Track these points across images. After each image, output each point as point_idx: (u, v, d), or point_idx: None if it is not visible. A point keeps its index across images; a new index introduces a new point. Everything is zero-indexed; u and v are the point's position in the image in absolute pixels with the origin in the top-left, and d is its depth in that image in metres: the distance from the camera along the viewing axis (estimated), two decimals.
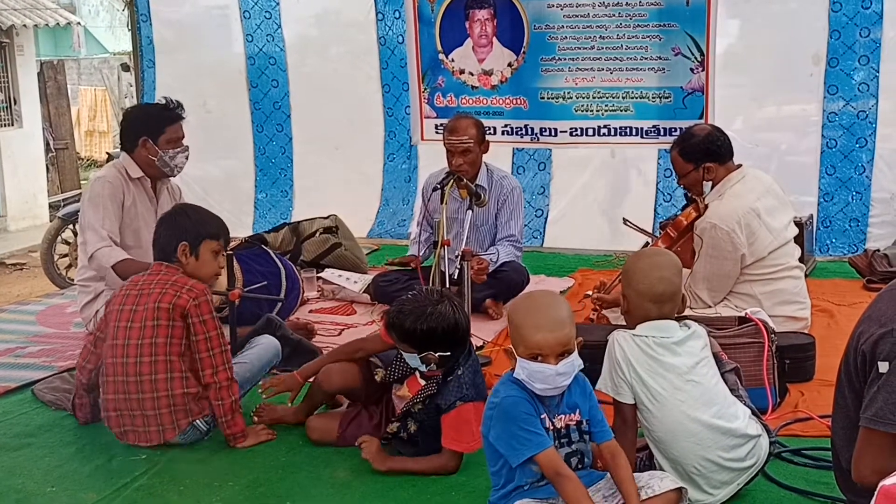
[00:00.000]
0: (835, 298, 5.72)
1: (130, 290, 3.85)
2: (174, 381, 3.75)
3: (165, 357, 3.74)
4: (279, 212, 8.31)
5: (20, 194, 13.57)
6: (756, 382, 4.02)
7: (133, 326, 3.75)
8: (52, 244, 8.51)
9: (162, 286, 3.78)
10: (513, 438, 2.94)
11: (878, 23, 6.69)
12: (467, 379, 3.52)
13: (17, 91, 13.67)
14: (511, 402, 2.97)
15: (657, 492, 2.96)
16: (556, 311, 3.00)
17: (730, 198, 4.76)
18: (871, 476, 2.62)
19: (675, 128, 7.22)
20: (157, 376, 3.73)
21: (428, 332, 3.47)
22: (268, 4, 8.08)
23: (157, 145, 5.00)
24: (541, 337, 2.93)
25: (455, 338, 3.52)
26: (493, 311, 5.58)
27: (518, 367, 2.97)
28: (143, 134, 5.01)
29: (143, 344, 3.73)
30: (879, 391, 2.68)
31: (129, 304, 3.80)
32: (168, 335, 3.73)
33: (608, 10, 7.23)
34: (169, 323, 3.73)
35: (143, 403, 3.76)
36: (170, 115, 5.06)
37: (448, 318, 3.48)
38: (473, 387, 3.52)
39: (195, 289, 3.78)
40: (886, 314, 2.73)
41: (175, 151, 5.05)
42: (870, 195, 6.95)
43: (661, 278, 3.28)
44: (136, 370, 3.74)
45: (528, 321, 2.97)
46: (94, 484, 3.57)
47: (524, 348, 2.96)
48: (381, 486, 3.47)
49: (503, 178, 5.88)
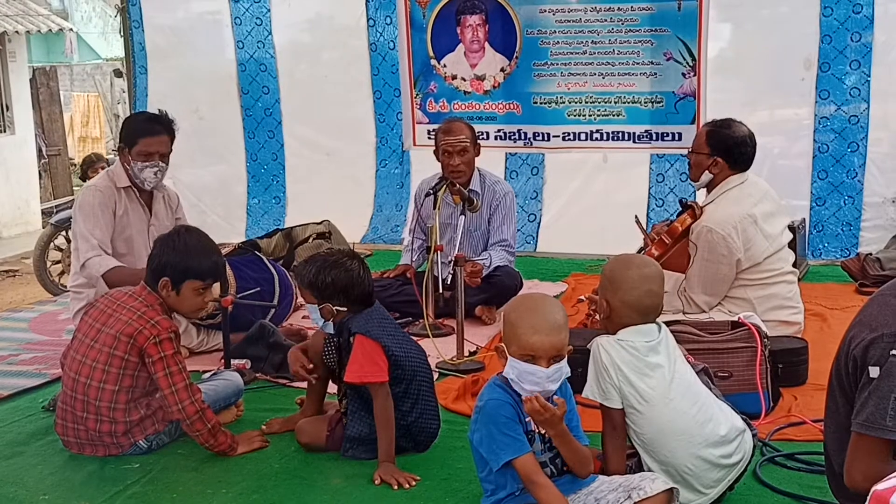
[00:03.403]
0: (827, 302, 5.73)
1: (107, 307, 3.82)
2: (117, 411, 3.74)
3: (114, 387, 3.72)
4: (272, 218, 8.31)
5: (12, 200, 13.55)
6: (749, 387, 4.03)
7: (95, 346, 3.75)
8: (44, 251, 8.50)
9: (130, 314, 3.73)
10: (493, 442, 2.96)
11: (869, 27, 6.71)
12: (362, 318, 3.65)
13: (9, 97, 13.65)
14: (493, 405, 2.99)
15: (649, 494, 2.95)
16: (554, 315, 3.00)
17: (727, 203, 4.77)
18: (863, 481, 2.62)
19: (666, 132, 7.25)
20: (101, 403, 3.73)
21: (328, 282, 3.64)
22: (259, 10, 8.09)
23: (130, 155, 4.94)
24: (537, 339, 2.93)
25: (351, 294, 3.66)
26: (486, 317, 5.57)
27: (508, 365, 2.98)
28: (122, 141, 5.00)
29: (97, 368, 3.72)
30: (870, 396, 2.68)
31: (99, 323, 3.79)
32: (121, 367, 3.71)
33: (600, 16, 7.25)
34: (125, 356, 3.70)
35: (86, 422, 3.77)
36: (148, 127, 4.96)
37: (350, 273, 3.66)
38: (369, 323, 3.64)
39: (159, 325, 3.70)
40: (878, 319, 2.73)
41: (143, 165, 4.92)
42: (862, 199, 6.96)
43: (650, 292, 3.26)
44: (84, 390, 3.74)
45: (525, 322, 2.97)
46: (86, 492, 3.56)
47: (517, 348, 2.96)
48: (374, 493, 3.46)
49: (496, 184, 5.88)
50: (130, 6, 8.35)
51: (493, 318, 5.57)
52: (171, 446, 3.92)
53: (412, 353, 3.78)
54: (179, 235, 3.93)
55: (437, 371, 4.75)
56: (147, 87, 8.42)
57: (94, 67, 20.87)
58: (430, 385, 3.85)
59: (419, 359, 3.82)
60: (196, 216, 8.06)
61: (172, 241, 3.88)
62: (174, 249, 3.82)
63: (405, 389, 3.70)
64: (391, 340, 3.68)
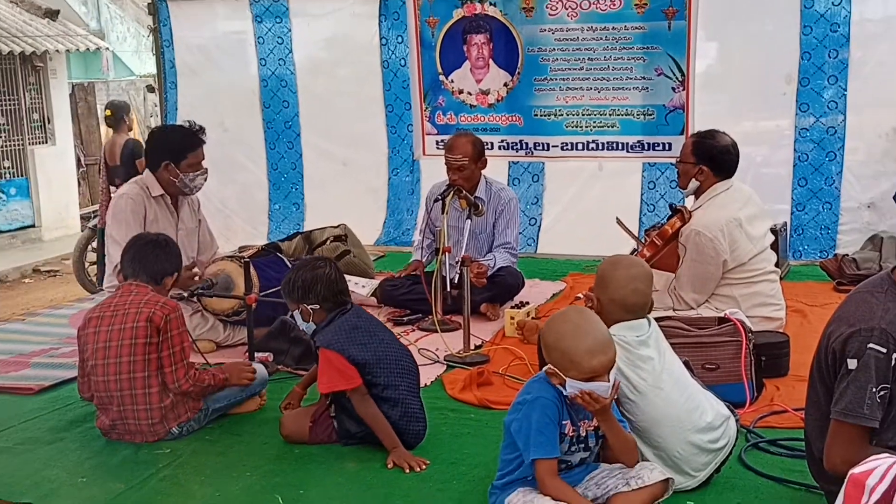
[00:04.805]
0: (807, 300, 5.71)
1: (104, 312, 3.84)
2: (151, 396, 3.76)
3: (143, 373, 3.74)
4: (292, 222, 8.31)
5: (53, 206, 13.58)
6: (735, 378, 4.02)
7: (111, 346, 3.76)
8: (82, 252, 8.54)
9: (137, 306, 3.77)
10: (529, 437, 2.90)
11: (846, 45, 6.69)
12: (329, 331, 3.64)
13: (50, 111, 13.69)
14: (544, 403, 2.92)
15: (647, 482, 2.95)
16: (601, 333, 2.93)
17: (714, 208, 4.76)
18: (841, 465, 2.62)
19: (657, 143, 7.24)
20: (136, 391, 3.75)
21: (298, 285, 3.68)
22: (280, 30, 8.10)
23: (179, 169, 4.98)
24: (597, 362, 2.85)
25: (318, 291, 3.67)
26: (490, 313, 5.57)
27: (569, 386, 2.87)
28: (165, 158, 4.99)
29: (122, 362, 3.74)
30: (849, 386, 2.68)
31: (104, 326, 3.80)
32: (145, 352, 3.73)
33: (596, 34, 7.24)
34: (146, 340, 3.72)
35: (124, 415, 3.78)
36: (192, 141, 5.02)
37: (315, 273, 3.70)
38: (335, 336, 3.62)
39: (168, 305, 3.81)
40: (855, 315, 2.73)
41: (195, 174, 5.04)
42: (839, 205, 6.94)
43: (636, 290, 3.26)
44: (127, 386, 3.75)
45: (579, 347, 2.86)
46: (121, 475, 3.57)
47: (578, 373, 2.85)
48: (387, 476, 3.47)
49: (500, 190, 5.88)
50: (162, 27, 8.38)
51: (497, 314, 5.57)
52: (199, 432, 3.93)
53: (387, 359, 3.66)
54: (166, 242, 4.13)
55: (445, 363, 4.76)
56: (177, 101, 8.45)
57: (129, 83, 20.89)
58: (411, 388, 3.72)
59: (399, 365, 3.70)
60: (221, 221, 8.09)
61: (169, 244, 4.11)
62: (172, 250, 4.09)
63: (381, 392, 3.61)
64: (358, 349, 3.60)
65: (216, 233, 5.79)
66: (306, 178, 8.35)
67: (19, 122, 13.18)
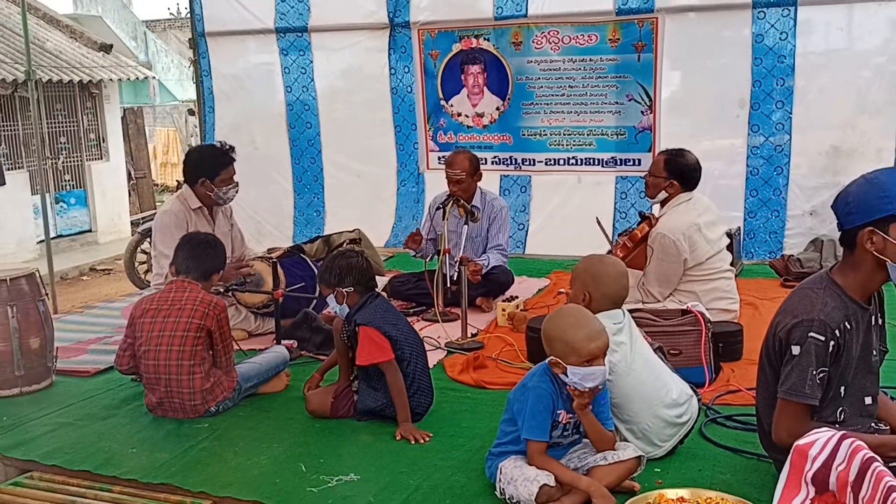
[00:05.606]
0: (758, 294, 5.70)
1: (161, 305, 3.86)
2: (195, 380, 3.79)
3: (190, 361, 3.77)
4: (314, 227, 8.30)
5: (108, 214, 13.61)
6: (695, 362, 4.02)
7: (164, 336, 3.79)
8: (133, 254, 8.53)
9: (192, 304, 3.82)
10: (524, 419, 2.91)
11: (791, 74, 6.68)
12: (367, 311, 3.63)
13: (105, 132, 13.71)
14: (538, 393, 2.92)
15: (622, 458, 2.95)
16: (595, 322, 2.94)
17: (677, 214, 4.76)
18: (787, 438, 2.63)
19: (628, 159, 7.24)
20: (181, 376, 3.77)
21: (336, 271, 3.68)
22: (303, 62, 8.09)
23: (214, 184, 4.98)
24: (594, 346, 2.85)
25: (355, 275, 3.67)
26: (485, 306, 5.57)
27: (570, 373, 2.85)
28: (202, 175, 4.99)
29: (172, 351, 3.77)
30: (793, 370, 2.68)
31: (160, 318, 3.83)
32: (193, 345, 3.78)
33: (576, 65, 7.23)
34: (196, 335, 3.77)
35: (172, 395, 3.80)
36: (224, 160, 5.01)
37: (350, 260, 3.71)
38: (373, 315, 3.62)
39: (217, 305, 3.86)
40: (798, 308, 2.73)
41: (227, 188, 5.03)
42: (786, 212, 6.93)
43: (623, 286, 3.30)
44: (175, 371, 3.77)
45: (578, 335, 2.86)
46: (166, 446, 3.58)
47: (578, 358, 2.84)
48: (396, 446, 3.48)
49: (494, 199, 5.87)
50: (201, 59, 8.37)
51: (491, 307, 5.56)
52: (233, 410, 3.93)
53: (410, 339, 3.71)
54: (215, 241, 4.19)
55: (446, 349, 4.76)
56: (214, 123, 8.44)
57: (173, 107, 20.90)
58: (424, 368, 3.75)
59: (417, 345, 3.74)
60: (253, 226, 8.09)
61: (216, 244, 4.16)
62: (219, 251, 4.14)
63: (404, 369, 3.63)
64: (391, 327, 3.63)
65: (247, 235, 5.79)
66: (326, 189, 8.33)
67: (78, 142, 13.20)
